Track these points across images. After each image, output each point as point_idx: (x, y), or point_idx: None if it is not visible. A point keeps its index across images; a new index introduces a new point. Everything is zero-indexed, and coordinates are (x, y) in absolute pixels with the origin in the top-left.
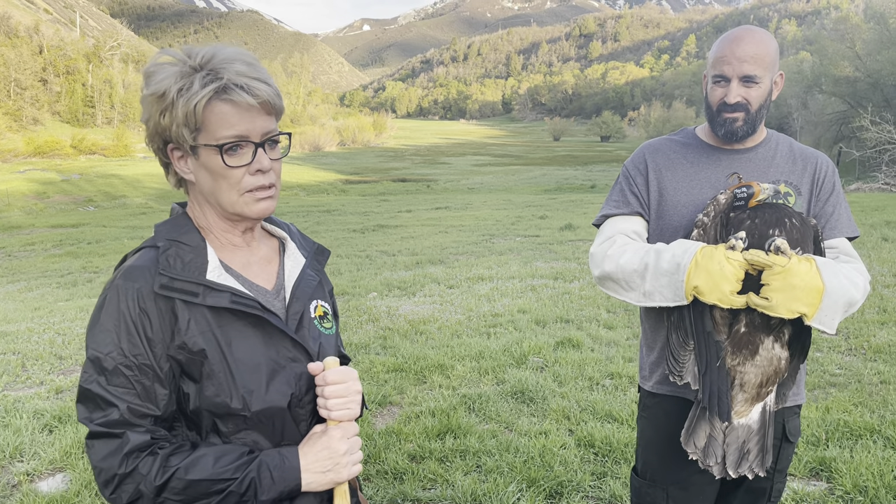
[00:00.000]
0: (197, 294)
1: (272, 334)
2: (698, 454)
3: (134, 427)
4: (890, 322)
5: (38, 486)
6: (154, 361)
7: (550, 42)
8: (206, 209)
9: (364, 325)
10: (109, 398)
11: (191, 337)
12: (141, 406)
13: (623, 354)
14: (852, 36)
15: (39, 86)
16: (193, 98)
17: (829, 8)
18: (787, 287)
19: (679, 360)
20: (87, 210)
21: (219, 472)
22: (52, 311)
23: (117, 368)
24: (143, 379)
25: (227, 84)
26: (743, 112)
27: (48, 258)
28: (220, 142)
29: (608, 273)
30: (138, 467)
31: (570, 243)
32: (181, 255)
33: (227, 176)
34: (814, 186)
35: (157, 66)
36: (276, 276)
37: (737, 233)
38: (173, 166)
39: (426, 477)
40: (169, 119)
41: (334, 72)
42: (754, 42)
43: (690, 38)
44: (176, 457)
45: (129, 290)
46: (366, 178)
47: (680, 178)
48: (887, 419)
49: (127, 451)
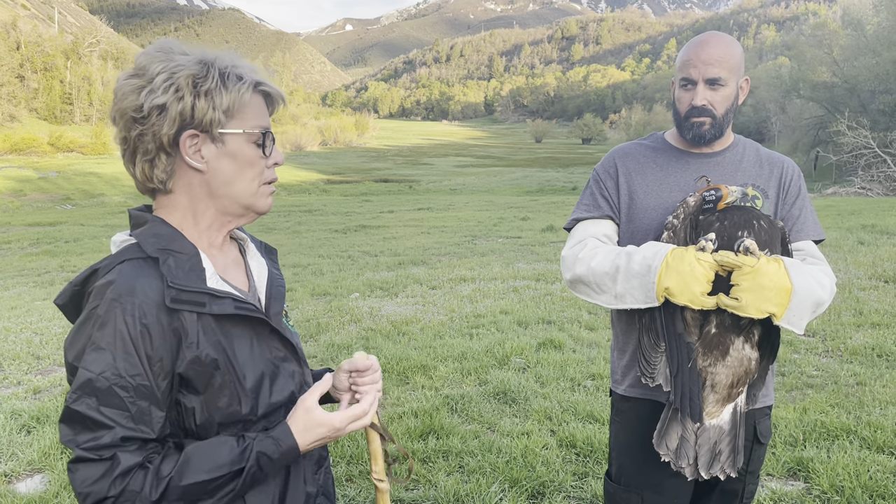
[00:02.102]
0: (204, 304)
1: (263, 336)
2: (670, 456)
3: (124, 448)
4: (866, 324)
5: (16, 487)
6: (153, 381)
7: (533, 44)
8: (201, 205)
9: (346, 325)
10: (101, 420)
11: (203, 349)
12: (134, 430)
13: (604, 356)
14: (830, 42)
15: (16, 82)
16: (244, 85)
17: (808, 14)
18: (756, 287)
19: (650, 362)
20: (65, 208)
21: (213, 471)
22: (29, 311)
23: (111, 389)
24: (139, 401)
25: (260, 80)
26: (709, 117)
27: (25, 257)
28: (255, 130)
29: (579, 276)
30: (129, 485)
31: (551, 245)
32: (181, 265)
33: (255, 164)
34: (780, 190)
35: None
36: (247, 278)
37: (706, 235)
38: (181, 157)
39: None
40: (206, 102)
41: (316, 71)
42: (719, 46)
43: (671, 42)
44: (167, 464)
45: (129, 305)
46: (348, 178)
47: (650, 182)
48: (863, 420)
49: (118, 473)
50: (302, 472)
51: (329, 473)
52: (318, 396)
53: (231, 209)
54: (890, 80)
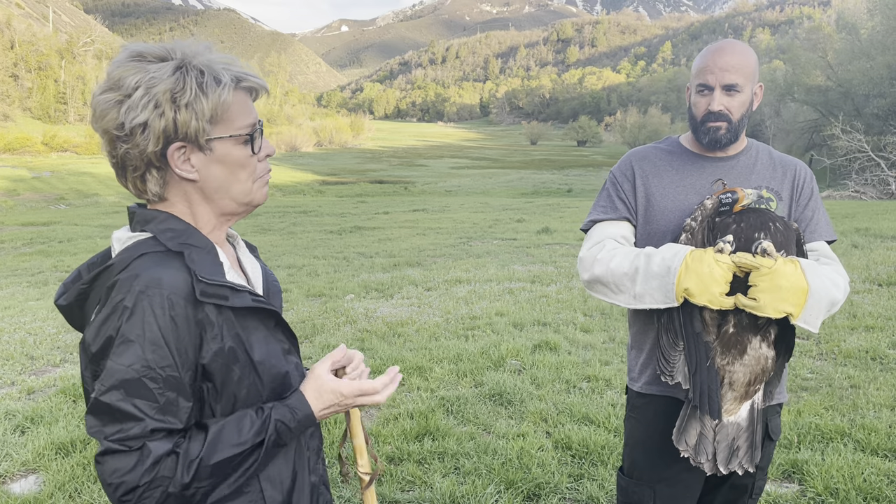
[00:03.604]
0: (227, 297)
1: (270, 328)
2: (690, 452)
3: (153, 438)
4: (860, 327)
5: (11, 487)
6: (180, 373)
7: (528, 46)
8: (202, 208)
9: (341, 326)
10: (131, 411)
11: (226, 342)
12: (163, 421)
13: (599, 357)
14: (824, 46)
15: (10, 81)
16: (224, 89)
17: (802, 18)
18: (773, 288)
19: (669, 360)
20: (59, 208)
21: (239, 446)
22: (22, 311)
23: (140, 381)
24: (167, 392)
25: (239, 74)
26: (725, 122)
27: (18, 256)
28: (242, 131)
29: (598, 276)
30: (161, 472)
31: (546, 247)
32: (203, 258)
33: (247, 165)
34: (794, 192)
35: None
36: (242, 274)
37: (724, 236)
38: (171, 170)
39: (404, 479)
40: (188, 115)
41: (312, 72)
42: (736, 53)
43: (666, 45)
44: (194, 445)
45: (158, 297)
46: (343, 179)
47: (666, 185)
48: (857, 423)
49: (150, 463)
50: (307, 462)
51: (325, 465)
52: (329, 365)
53: (229, 208)
54: (884, 84)
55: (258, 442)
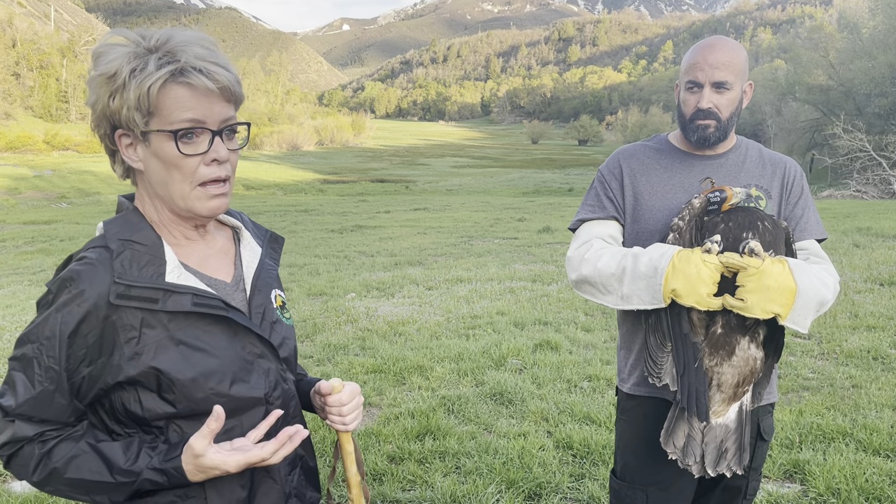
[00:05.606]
0: (156, 300)
1: (237, 330)
2: (677, 454)
3: (22, 418)
4: (861, 327)
5: (12, 486)
6: (62, 367)
7: (529, 45)
8: (157, 202)
9: (343, 325)
10: (15, 381)
11: (143, 347)
12: (31, 409)
13: (601, 357)
14: (826, 45)
15: (12, 80)
16: (148, 80)
17: (804, 17)
18: (761, 288)
19: (657, 361)
20: (60, 207)
21: (98, 474)
22: (23, 309)
23: (32, 361)
24: (45, 382)
25: (184, 67)
26: (714, 120)
27: (20, 255)
28: (173, 126)
29: (585, 277)
30: (19, 456)
31: (548, 246)
32: (137, 257)
33: (180, 165)
34: (783, 190)
35: (108, 47)
36: (234, 267)
37: (711, 236)
38: (120, 154)
39: (405, 478)
40: (119, 102)
41: (313, 71)
42: (726, 50)
43: (668, 45)
44: (59, 450)
45: (68, 295)
46: (344, 178)
47: (654, 183)
48: (859, 422)
49: (9, 439)
50: (276, 474)
51: (306, 474)
52: (208, 440)
53: (176, 209)
54: (885, 84)
55: (122, 482)
